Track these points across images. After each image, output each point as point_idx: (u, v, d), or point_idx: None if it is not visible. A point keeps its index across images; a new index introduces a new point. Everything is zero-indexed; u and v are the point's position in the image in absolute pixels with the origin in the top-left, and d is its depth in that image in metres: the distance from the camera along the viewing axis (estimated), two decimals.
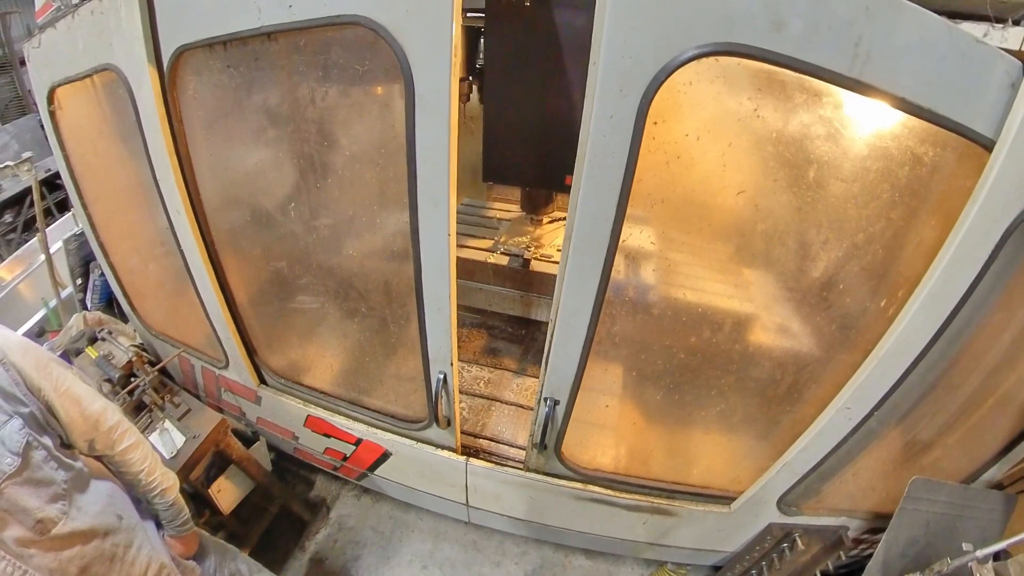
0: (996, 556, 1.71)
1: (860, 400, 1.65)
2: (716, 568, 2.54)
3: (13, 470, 1.17)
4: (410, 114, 1.46)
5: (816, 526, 2.03)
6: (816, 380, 1.76)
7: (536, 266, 2.93)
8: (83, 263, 2.97)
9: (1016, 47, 1.24)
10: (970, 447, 1.97)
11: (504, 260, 2.96)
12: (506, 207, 3.62)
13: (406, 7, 1.32)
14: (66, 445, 1.34)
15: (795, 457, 1.86)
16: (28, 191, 5.06)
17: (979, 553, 1.65)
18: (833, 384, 1.69)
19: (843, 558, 1.89)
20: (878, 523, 2.09)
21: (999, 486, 2.02)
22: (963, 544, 1.73)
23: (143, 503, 1.55)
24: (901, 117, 1.25)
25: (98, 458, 1.44)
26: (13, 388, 1.21)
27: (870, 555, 1.92)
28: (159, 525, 1.59)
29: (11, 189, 5.76)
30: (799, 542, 1.96)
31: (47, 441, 1.27)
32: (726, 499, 2.17)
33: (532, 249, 3.03)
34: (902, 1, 1.12)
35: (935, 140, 1.28)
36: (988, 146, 1.22)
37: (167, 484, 1.54)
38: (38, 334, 3.03)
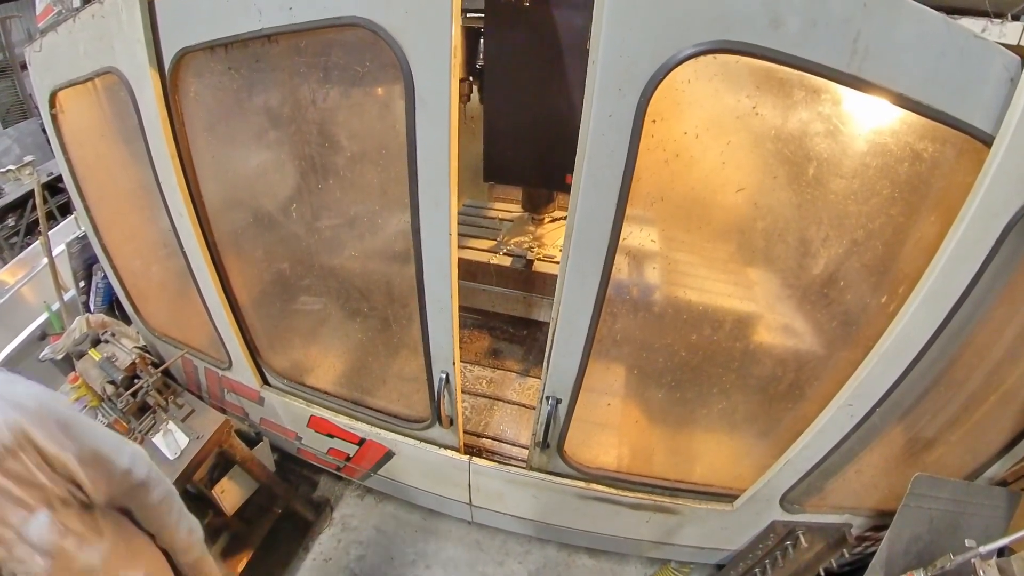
0: (1000, 552, 1.71)
1: (862, 397, 1.64)
2: (719, 567, 2.54)
3: (47, 574, 1.02)
4: (410, 115, 1.46)
5: (819, 523, 2.03)
6: (818, 377, 1.76)
7: (539, 267, 2.92)
8: (85, 266, 2.98)
9: (1014, 42, 1.24)
10: (973, 444, 1.96)
11: (507, 261, 2.96)
12: (507, 207, 3.62)
13: (405, 8, 1.32)
14: (87, 506, 1.17)
15: (797, 454, 1.86)
16: (30, 195, 5.07)
17: (982, 549, 1.65)
18: (835, 381, 1.69)
19: (846, 555, 1.90)
20: (881, 520, 2.09)
21: (1002, 483, 2.01)
22: (966, 540, 1.74)
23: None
24: (900, 113, 1.25)
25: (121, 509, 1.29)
26: (35, 474, 1.01)
27: (873, 552, 1.91)
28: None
29: (13, 193, 5.81)
30: (802, 540, 1.97)
31: (75, 523, 1.10)
32: (729, 497, 2.16)
33: (535, 249, 3.03)
34: None
35: (934, 136, 1.28)
36: (987, 141, 1.22)
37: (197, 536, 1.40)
38: (40, 337, 3.04)
